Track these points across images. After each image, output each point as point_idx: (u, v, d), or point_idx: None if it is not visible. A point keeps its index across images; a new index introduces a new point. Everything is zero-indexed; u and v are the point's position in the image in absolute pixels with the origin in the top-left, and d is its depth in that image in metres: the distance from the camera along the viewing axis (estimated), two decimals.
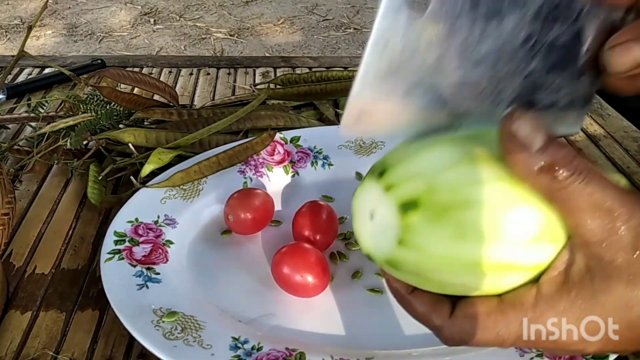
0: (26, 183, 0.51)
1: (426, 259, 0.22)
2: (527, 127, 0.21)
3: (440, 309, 0.24)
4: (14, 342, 0.36)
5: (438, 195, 0.21)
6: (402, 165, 0.22)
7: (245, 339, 0.34)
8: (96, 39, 2.29)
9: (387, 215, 0.22)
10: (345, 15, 2.52)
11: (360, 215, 0.24)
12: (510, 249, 0.22)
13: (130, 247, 0.40)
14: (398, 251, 0.22)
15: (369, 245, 0.23)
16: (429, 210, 0.21)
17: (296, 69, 0.76)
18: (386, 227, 0.22)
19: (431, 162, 0.22)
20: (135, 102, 0.56)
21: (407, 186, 0.21)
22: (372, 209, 0.23)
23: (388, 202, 0.22)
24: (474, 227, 0.21)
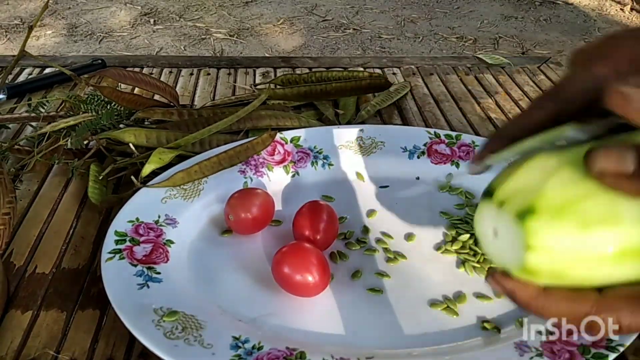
0: (27, 183, 0.51)
1: (559, 257, 0.22)
2: (612, 158, 0.21)
3: (584, 296, 0.23)
4: (15, 342, 0.36)
5: (549, 198, 0.23)
6: (507, 183, 0.24)
7: (245, 339, 0.34)
8: (96, 39, 2.29)
9: (509, 227, 0.23)
10: (344, 16, 2.52)
11: (485, 237, 0.25)
12: (636, 230, 0.22)
13: (131, 247, 0.40)
14: (529, 257, 0.23)
15: (502, 261, 0.25)
16: (546, 212, 0.22)
17: (296, 69, 0.76)
18: (511, 239, 0.23)
19: (533, 174, 0.24)
20: (136, 102, 0.56)
21: (517, 198, 0.23)
22: (493, 228, 0.24)
23: (505, 215, 0.23)
24: (594, 214, 0.22)
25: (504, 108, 0.67)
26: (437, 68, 0.77)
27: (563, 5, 2.70)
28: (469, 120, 0.64)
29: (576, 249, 0.22)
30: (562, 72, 0.77)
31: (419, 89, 0.71)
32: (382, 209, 0.47)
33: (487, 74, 0.76)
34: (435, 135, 0.53)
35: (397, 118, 0.64)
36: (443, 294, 0.39)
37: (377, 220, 0.46)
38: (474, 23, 2.45)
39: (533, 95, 0.70)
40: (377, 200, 0.48)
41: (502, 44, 2.28)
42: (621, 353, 0.33)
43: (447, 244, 0.43)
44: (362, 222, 0.46)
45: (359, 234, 0.45)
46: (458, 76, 0.75)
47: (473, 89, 0.71)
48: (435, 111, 0.66)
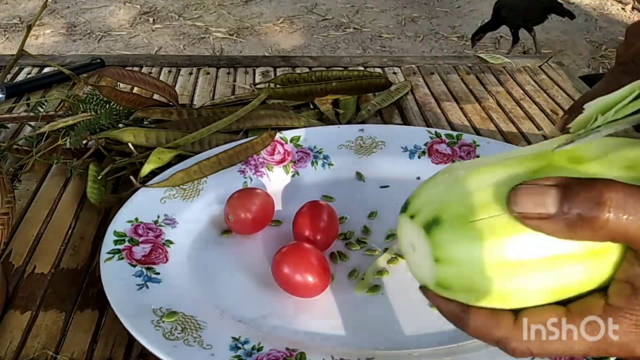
0: (25, 182, 0.51)
1: (466, 269, 0.22)
2: (532, 199, 0.20)
3: (501, 319, 0.23)
4: (14, 342, 0.36)
5: (452, 208, 0.22)
6: (418, 196, 0.24)
7: (245, 339, 0.34)
8: (95, 38, 2.29)
9: (419, 240, 0.23)
10: (344, 15, 2.52)
11: (406, 253, 0.25)
12: (542, 238, 0.21)
13: (130, 247, 0.40)
14: (439, 270, 0.23)
15: (418, 275, 0.25)
16: (449, 223, 0.22)
17: (296, 68, 0.76)
18: (423, 252, 0.23)
19: (438, 188, 0.24)
20: (135, 101, 0.56)
21: (426, 210, 0.23)
22: (411, 242, 0.24)
23: (415, 228, 0.23)
24: (496, 224, 0.22)
25: (505, 107, 0.67)
26: (437, 67, 0.77)
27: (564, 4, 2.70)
28: (470, 120, 0.64)
29: (480, 260, 0.22)
30: (563, 71, 0.77)
31: (419, 89, 0.71)
32: (382, 209, 0.47)
33: (488, 73, 0.75)
34: (436, 134, 0.53)
35: (398, 118, 0.64)
36: None
37: (377, 221, 0.46)
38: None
39: (534, 95, 0.70)
40: (378, 200, 0.48)
41: (503, 43, 2.27)
42: None
43: None
44: (362, 222, 0.46)
45: (359, 234, 0.44)
46: (459, 75, 0.75)
47: (474, 89, 0.71)
48: (436, 111, 0.66)
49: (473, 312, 0.23)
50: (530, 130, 0.62)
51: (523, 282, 0.22)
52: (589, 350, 0.22)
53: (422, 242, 0.23)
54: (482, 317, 0.23)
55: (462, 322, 0.24)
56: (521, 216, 0.21)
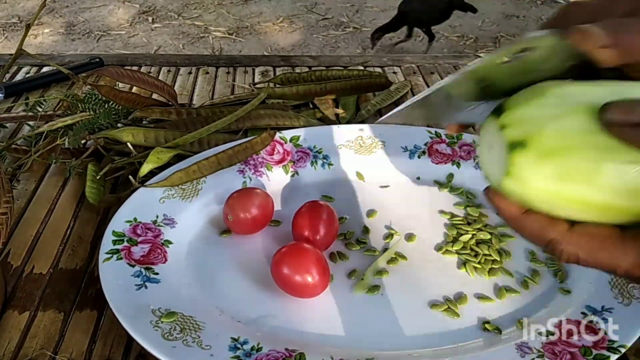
0: (24, 182, 0.51)
1: (529, 192, 0.24)
2: (622, 109, 0.22)
3: (557, 224, 0.24)
4: (12, 342, 0.35)
5: (543, 139, 0.24)
6: (519, 109, 0.25)
7: (244, 340, 0.34)
8: (94, 37, 2.28)
9: (499, 150, 0.25)
10: (344, 14, 2.52)
11: (482, 147, 0.27)
12: (608, 194, 0.23)
13: (129, 247, 0.40)
14: (506, 181, 0.25)
15: (488, 172, 0.27)
16: (534, 152, 0.24)
17: (295, 68, 0.76)
18: (498, 160, 0.25)
19: (545, 110, 0.24)
20: (134, 101, 0.56)
21: (518, 128, 0.24)
22: (490, 142, 0.26)
23: (500, 139, 0.25)
24: (573, 172, 0.23)
25: None
26: (437, 67, 0.77)
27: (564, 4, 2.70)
28: None
29: (546, 194, 0.24)
30: None
31: (419, 88, 0.71)
32: (382, 209, 0.47)
33: None
34: (436, 134, 0.53)
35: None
36: (444, 295, 0.39)
37: (377, 221, 0.46)
38: (475, 22, 2.45)
39: None
40: (377, 200, 0.48)
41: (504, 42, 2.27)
42: (622, 354, 0.33)
43: (447, 245, 0.43)
44: (362, 223, 0.45)
45: (359, 235, 0.44)
46: None
47: None
48: None
49: (531, 214, 0.25)
50: None
51: (574, 214, 0.24)
52: (633, 267, 0.23)
53: (502, 153, 0.25)
54: (540, 219, 0.25)
55: (518, 223, 0.25)
56: (609, 122, 0.22)
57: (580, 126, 0.23)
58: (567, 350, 0.33)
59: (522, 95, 0.26)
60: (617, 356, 0.32)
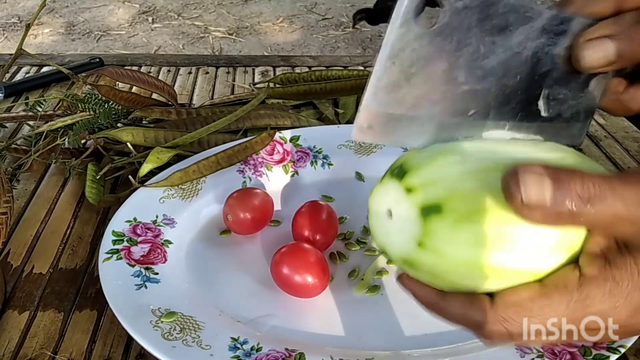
0: (24, 182, 0.51)
1: (444, 263, 0.22)
2: (534, 189, 0.20)
3: (478, 303, 0.23)
4: (12, 342, 0.35)
5: (460, 202, 0.21)
6: (423, 169, 0.22)
7: (244, 340, 0.34)
8: (94, 37, 2.28)
9: (408, 217, 0.22)
10: (344, 14, 2.52)
11: (378, 212, 0.24)
12: (528, 258, 0.22)
13: (129, 247, 0.40)
14: (416, 252, 0.22)
15: (385, 242, 0.24)
16: (451, 216, 0.21)
17: (295, 68, 0.76)
18: (405, 228, 0.22)
19: (452, 168, 0.22)
20: (134, 100, 0.56)
21: (429, 190, 0.22)
22: (390, 208, 0.23)
23: (409, 204, 0.22)
24: (494, 236, 0.21)
25: None
26: None
27: None
28: None
29: (463, 262, 0.22)
30: None
31: None
32: None
33: None
34: None
35: None
36: None
37: None
38: None
39: None
40: None
41: None
42: (622, 354, 0.33)
43: None
44: (362, 223, 0.45)
45: (359, 234, 0.44)
46: None
47: None
48: None
49: (449, 297, 0.23)
50: None
51: (490, 283, 0.22)
52: (570, 319, 0.22)
53: (411, 220, 0.22)
54: (460, 300, 0.23)
55: (439, 308, 0.24)
56: (518, 204, 0.20)
57: (489, 185, 0.21)
58: (567, 350, 0.33)
59: (421, 154, 0.23)
60: (616, 356, 0.32)
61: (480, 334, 0.23)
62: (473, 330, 0.23)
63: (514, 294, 0.23)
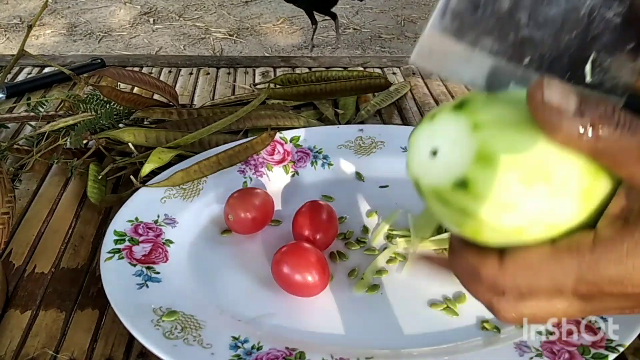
0: (26, 182, 0.51)
1: (482, 206, 0.21)
2: (557, 93, 0.20)
3: (487, 261, 0.22)
4: (14, 342, 0.36)
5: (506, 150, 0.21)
6: (493, 107, 0.22)
7: (245, 339, 0.34)
8: (95, 38, 2.29)
9: (459, 155, 0.21)
10: (344, 15, 2.52)
11: (420, 146, 0.23)
12: (554, 207, 0.21)
13: (130, 247, 0.40)
14: (453, 191, 0.22)
15: (419, 172, 0.23)
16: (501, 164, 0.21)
17: (296, 68, 0.76)
18: (452, 164, 0.22)
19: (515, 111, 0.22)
20: (135, 101, 0.56)
21: (493, 132, 0.21)
22: (437, 146, 0.22)
23: (470, 142, 0.21)
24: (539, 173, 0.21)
25: None
26: None
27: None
28: None
29: (503, 184, 0.21)
30: None
31: (419, 89, 0.71)
32: (381, 209, 0.47)
33: None
34: None
35: (397, 118, 0.64)
36: (443, 294, 0.39)
37: (376, 220, 0.46)
38: None
39: None
40: (377, 200, 0.48)
41: None
42: (621, 353, 0.33)
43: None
44: (361, 222, 0.46)
45: (359, 234, 0.45)
46: None
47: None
48: None
49: (462, 249, 0.23)
50: None
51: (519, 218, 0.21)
52: (577, 283, 0.21)
53: (461, 158, 0.21)
54: (471, 255, 0.23)
55: (457, 255, 0.23)
56: (541, 105, 0.20)
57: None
58: (566, 349, 0.33)
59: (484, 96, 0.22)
60: (615, 355, 0.32)
61: (493, 311, 0.23)
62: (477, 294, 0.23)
63: (522, 252, 0.22)
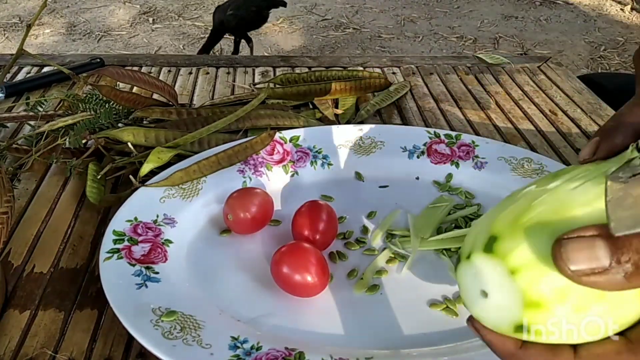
0: (25, 182, 0.51)
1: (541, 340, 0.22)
2: (583, 257, 0.19)
3: (561, 353, 0.22)
4: (13, 342, 0.36)
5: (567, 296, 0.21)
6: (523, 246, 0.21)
7: (244, 339, 0.34)
8: (95, 37, 2.29)
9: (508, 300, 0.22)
10: (344, 15, 2.52)
11: (469, 290, 0.24)
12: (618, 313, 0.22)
13: (129, 247, 0.40)
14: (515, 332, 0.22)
15: (480, 315, 0.24)
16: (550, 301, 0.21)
17: (295, 68, 0.76)
18: (504, 309, 0.22)
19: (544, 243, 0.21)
20: (135, 101, 0.56)
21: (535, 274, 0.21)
22: (482, 288, 0.23)
23: (516, 289, 0.21)
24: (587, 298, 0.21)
25: (504, 108, 0.67)
26: (437, 68, 0.77)
27: (563, 5, 2.71)
28: (469, 120, 0.64)
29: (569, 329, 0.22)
30: (562, 71, 0.77)
31: (418, 89, 0.71)
32: (381, 208, 0.47)
33: (487, 73, 0.75)
34: (435, 135, 0.53)
35: (397, 118, 0.64)
36: (443, 294, 0.39)
37: (376, 220, 0.46)
38: (474, 23, 2.46)
39: (533, 95, 0.70)
40: (377, 200, 0.48)
41: (502, 43, 2.28)
42: None
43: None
44: (361, 222, 0.46)
45: (359, 234, 0.44)
46: (458, 76, 0.75)
47: (473, 89, 0.71)
48: (435, 111, 0.66)
49: (529, 347, 0.23)
50: (529, 131, 0.62)
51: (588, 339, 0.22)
52: None
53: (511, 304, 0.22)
54: (541, 351, 0.22)
55: (517, 358, 0.23)
56: (577, 274, 0.20)
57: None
58: None
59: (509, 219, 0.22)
60: None
61: None
62: None
63: (598, 346, 0.22)
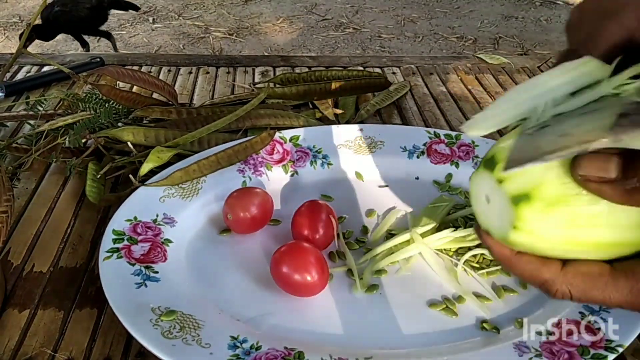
0: (24, 181, 0.51)
1: (539, 241, 0.25)
2: (595, 165, 0.22)
3: (550, 265, 0.25)
4: (12, 341, 0.36)
5: (545, 190, 0.24)
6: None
7: (244, 338, 0.34)
8: (95, 37, 2.28)
9: (501, 204, 0.25)
10: (344, 15, 2.52)
11: (477, 199, 0.27)
12: (616, 231, 0.24)
13: (129, 246, 0.40)
14: (513, 234, 0.25)
15: (487, 224, 0.27)
16: (539, 203, 0.24)
17: (295, 68, 0.76)
18: (501, 213, 0.25)
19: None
20: (134, 100, 0.56)
21: (517, 180, 0.24)
22: (487, 195, 0.26)
23: (501, 193, 0.25)
24: (581, 216, 0.24)
25: None
26: (436, 67, 0.77)
27: (563, 5, 2.71)
28: None
29: (557, 240, 0.24)
30: None
31: (418, 89, 0.71)
32: (381, 208, 0.47)
33: (487, 73, 0.75)
34: (435, 135, 0.53)
35: (397, 117, 0.64)
36: (442, 294, 0.39)
37: (376, 220, 0.46)
38: (474, 23, 2.46)
39: None
40: (377, 200, 0.48)
41: (502, 43, 2.28)
42: (620, 354, 0.33)
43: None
44: (361, 222, 0.46)
45: (358, 234, 0.44)
46: (458, 76, 0.75)
47: (473, 89, 0.71)
48: (435, 111, 0.66)
49: (523, 255, 0.26)
50: None
51: (583, 256, 0.25)
52: (624, 303, 0.24)
53: (505, 207, 0.25)
54: (533, 260, 0.25)
55: (512, 263, 0.26)
56: (583, 179, 0.22)
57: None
58: (565, 350, 0.33)
59: (508, 143, 0.25)
60: (614, 355, 0.32)
61: (545, 290, 0.26)
62: (539, 286, 0.26)
63: (585, 265, 0.25)
